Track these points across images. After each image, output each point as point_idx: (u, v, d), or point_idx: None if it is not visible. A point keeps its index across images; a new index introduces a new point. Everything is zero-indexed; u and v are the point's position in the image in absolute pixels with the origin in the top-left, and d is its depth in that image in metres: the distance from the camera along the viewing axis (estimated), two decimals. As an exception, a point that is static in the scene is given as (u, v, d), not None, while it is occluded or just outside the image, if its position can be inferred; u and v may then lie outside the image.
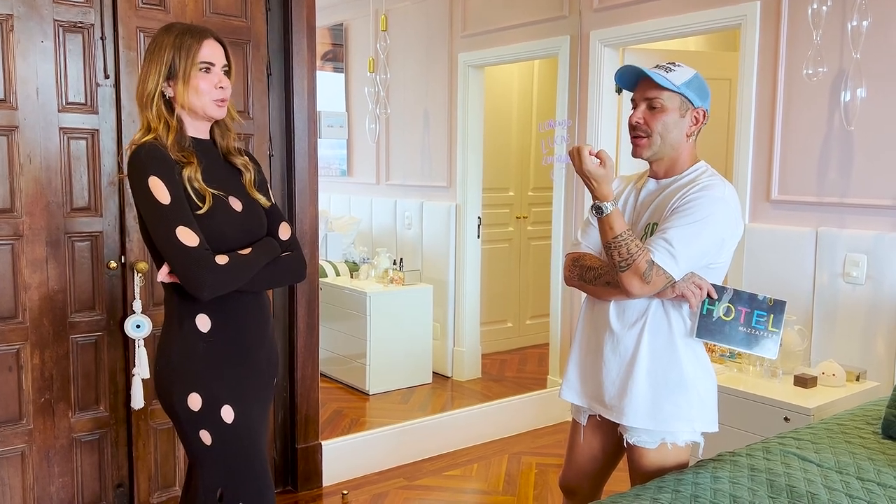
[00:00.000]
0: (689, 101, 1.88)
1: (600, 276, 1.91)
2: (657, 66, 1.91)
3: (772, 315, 1.91)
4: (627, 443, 1.97)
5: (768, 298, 1.91)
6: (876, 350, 2.90)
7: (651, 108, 1.88)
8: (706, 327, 1.89)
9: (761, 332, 1.91)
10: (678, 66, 1.91)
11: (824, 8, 2.92)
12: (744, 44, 3.31)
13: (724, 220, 1.84)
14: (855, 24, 2.85)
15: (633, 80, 1.94)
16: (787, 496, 1.78)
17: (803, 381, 2.79)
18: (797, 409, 2.62)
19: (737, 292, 1.91)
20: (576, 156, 1.83)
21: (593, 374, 1.99)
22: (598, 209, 1.83)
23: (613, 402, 1.95)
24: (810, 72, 2.96)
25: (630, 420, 1.91)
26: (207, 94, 1.79)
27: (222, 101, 1.82)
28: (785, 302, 1.92)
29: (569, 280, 2.02)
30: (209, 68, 1.79)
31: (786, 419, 2.63)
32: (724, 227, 1.85)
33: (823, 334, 3.05)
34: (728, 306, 1.90)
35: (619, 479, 2.34)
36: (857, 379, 2.85)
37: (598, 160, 1.82)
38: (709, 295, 1.89)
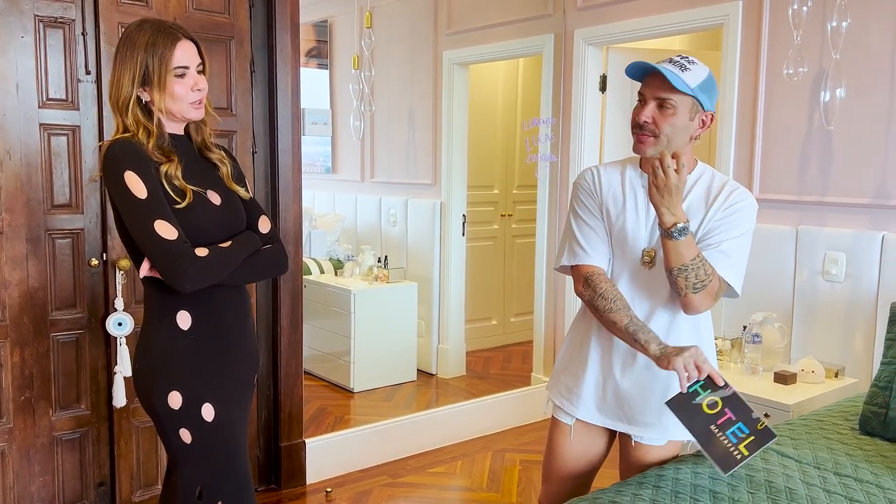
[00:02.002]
0: (700, 104, 1.78)
1: (610, 311, 1.80)
2: (671, 61, 1.78)
3: (752, 437, 1.72)
4: (636, 442, 1.94)
5: (761, 421, 1.75)
6: (854, 347, 2.94)
7: (661, 107, 1.77)
8: (681, 402, 1.74)
9: (728, 445, 1.72)
10: (693, 62, 1.78)
11: (805, 8, 2.95)
12: (726, 43, 3.34)
13: (753, 228, 1.88)
14: (834, 24, 2.88)
15: (643, 73, 1.81)
16: (765, 491, 1.80)
17: (783, 378, 2.82)
18: (777, 405, 2.65)
19: (736, 396, 1.76)
20: (661, 167, 1.70)
21: (624, 393, 1.90)
22: (683, 231, 1.71)
23: (654, 420, 1.88)
24: (791, 71, 2.99)
25: (676, 434, 1.89)
26: (184, 99, 1.77)
27: (199, 102, 1.81)
28: (775, 436, 1.76)
29: (580, 296, 1.90)
30: (184, 73, 1.77)
31: (766, 415, 2.65)
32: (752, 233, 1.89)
33: (803, 331, 3.08)
34: (717, 401, 1.74)
35: (599, 474, 2.35)
36: (836, 376, 2.88)
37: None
38: (710, 378, 1.74)
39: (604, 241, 1.90)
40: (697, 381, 1.74)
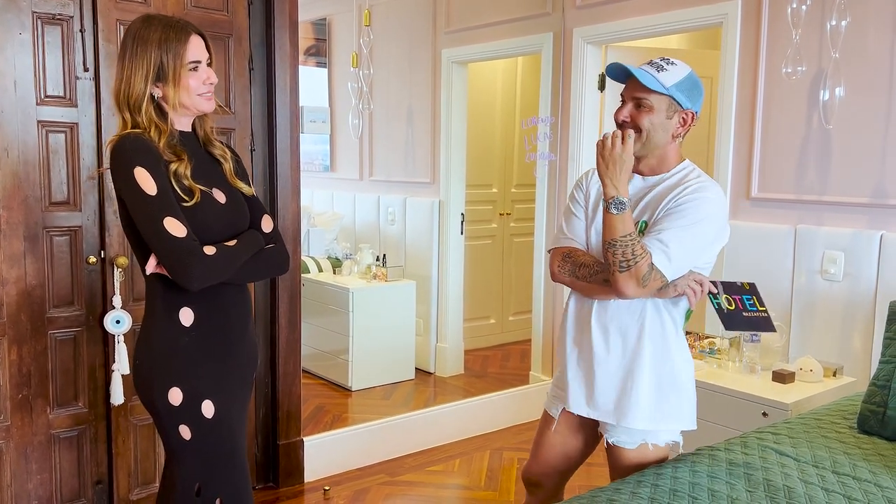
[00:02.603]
0: (678, 103, 1.84)
1: (596, 272, 1.86)
2: (650, 63, 1.87)
3: (754, 297, 1.96)
4: (608, 443, 1.97)
5: (743, 283, 1.97)
6: (852, 346, 2.94)
7: (638, 107, 1.85)
8: (725, 319, 1.94)
9: (757, 314, 1.95)
10: (672, 63, 1.86)
11: (804, 7, 2.95)
12: (725, 42, 3.33)
13: (716, 223, 1.85)
14: (834, 23, 2.88)
15: (624, 76, 1.91)
16: (764, 490, 1.81)
17: (781, 377, 2.82)
18: (775, 404, 2.65)
19: (722, 283, 1.95)
20: (610, 138, 1.79)
21: (589, 377, 1.95)
22: (620, 204, 1.77)
23: (612, 405, 1.92)
24: (790, 71, 2.99)
25: (632, 422, 1.89)
26: (197, 91, 1.79)
27: (210, 94, 1.83)
28: (754, 283, 1.98)
29: (557, 276, 1.95)
30: (197, 66, 1.78)
31: (764, 414, 2.66)
32: (716, 229, 1.85)
33: (801, 330, 3.08)
34: (727, 297, 1.94)
35: (597, 473, 2.36)
36: (834, 375, 2.88)
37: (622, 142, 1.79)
38: (709, 290, 1.90)
39: (585, 232, 1.99)
40: (711, 298, 1.93)
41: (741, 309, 1.95)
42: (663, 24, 3.60)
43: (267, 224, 1.95)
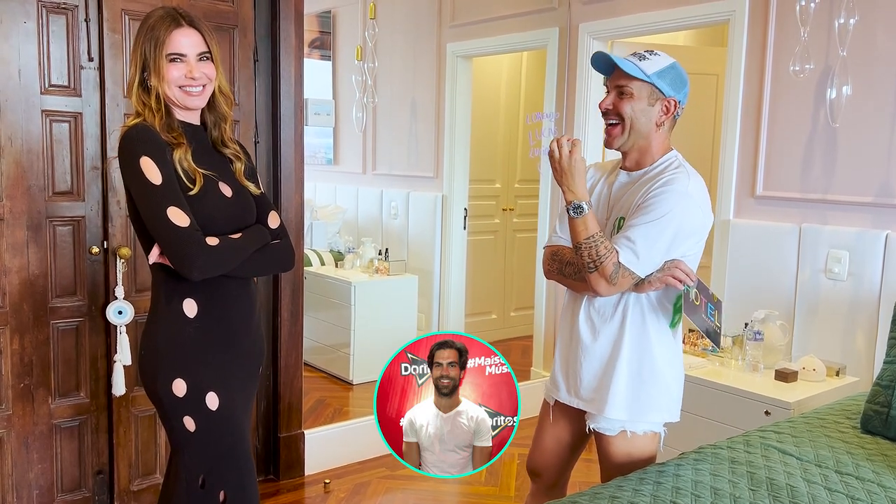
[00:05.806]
0: (660, 90, 1.87)
1: (580, 270, 1.89)
2: (634, 54, 1.91)
3: (717, 312, 1.98)
4: (590, 429, 2.00)
5: (714, 294, 1.98)
6: (856, 346, 2.94)
7: (620, 94, 1.89)
8: (686, 305, 1.91)
9: (712, 325, 1.96)
10: (655, 54, 1.90)
11: (812, 5, 2.93)
12: (731, 39, 3.32)
13: (686, 215, 1.83)
14: (842, 21, 2.87)
15: (610, 68, 1.93)
16: (766, 489, 1.80)
17: (784, 376, 2.81)
18: (778, 403, 2.64)
19: (701, 283, 1.95)
20: (556, 148, 1.83)
21: (573, 367, 2.00)
22: (577, 209, 1.82)
23: (592, 395, 1.96)
24: (797, 68, 2.98)
25: (609, 411, 1.92)
26: (176, 84, 1.78)
27: (192, 89, 1.79)
28: (721, 302, 2.00)
29: (548, 273, 2.02)
30: (176, 59, 1.77)
31: (766, 413, 2.65)
32: (687, 221, 1.84)
33: (805, 329, 3.08)
34: (696, 293, 1.93)
35: (596, 469, 2.35)
36: (837, 374, 2.87)
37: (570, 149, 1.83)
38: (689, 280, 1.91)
39: None
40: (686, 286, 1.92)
41: (703, 311, 1.95)
42: (670, 21, 3.58)
43: (273, 220, 1.95)
